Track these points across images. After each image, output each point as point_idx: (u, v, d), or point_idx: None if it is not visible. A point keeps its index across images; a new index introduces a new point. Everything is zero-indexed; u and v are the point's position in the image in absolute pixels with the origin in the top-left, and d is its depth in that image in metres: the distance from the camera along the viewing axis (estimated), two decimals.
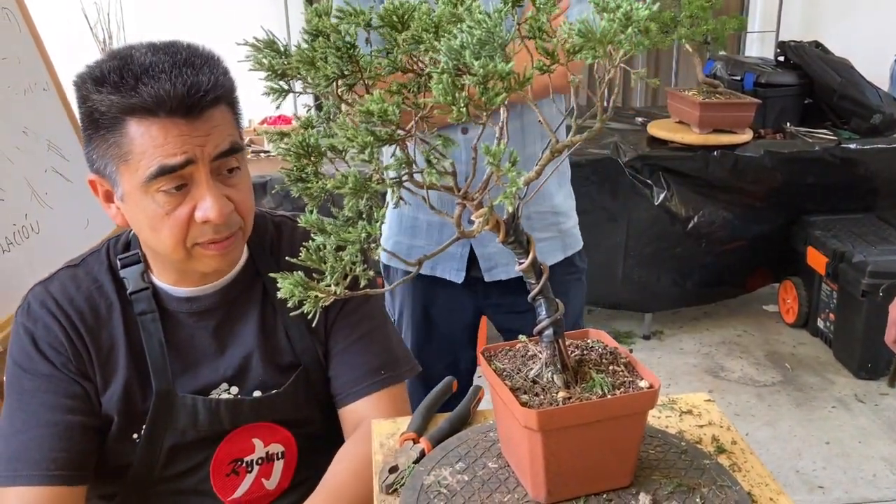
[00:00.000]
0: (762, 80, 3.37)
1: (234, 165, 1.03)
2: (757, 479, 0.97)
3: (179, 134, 0.95)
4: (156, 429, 1.09)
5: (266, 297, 1.16)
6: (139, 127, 0.95)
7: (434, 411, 1.11)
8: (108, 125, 0.97)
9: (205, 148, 0.97)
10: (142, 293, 1.10)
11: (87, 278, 1.11)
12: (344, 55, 0.68)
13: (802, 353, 3.33)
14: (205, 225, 1.00)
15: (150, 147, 0.95)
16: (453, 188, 0.71)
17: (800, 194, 3.30)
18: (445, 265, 1.61)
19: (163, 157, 0.95)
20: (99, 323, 1.09)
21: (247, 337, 1.14)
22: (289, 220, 1.23)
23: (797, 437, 2.77)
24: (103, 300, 1.10)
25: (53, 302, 1.08)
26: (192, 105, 0.95)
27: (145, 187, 0.98)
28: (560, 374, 0.87)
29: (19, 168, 1.95)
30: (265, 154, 3.10)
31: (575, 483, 0.89)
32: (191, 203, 0.99)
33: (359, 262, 0.68)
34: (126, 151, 0.97)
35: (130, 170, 0.98)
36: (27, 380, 1.06)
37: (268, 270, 1.15)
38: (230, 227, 1.03)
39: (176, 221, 1.00)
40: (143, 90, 0.94)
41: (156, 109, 0.94)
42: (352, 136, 0.60)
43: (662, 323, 3.58)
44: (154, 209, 0.99)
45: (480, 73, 0.59)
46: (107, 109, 0.96)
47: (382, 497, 0.96)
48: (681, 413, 1.12)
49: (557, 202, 1.64)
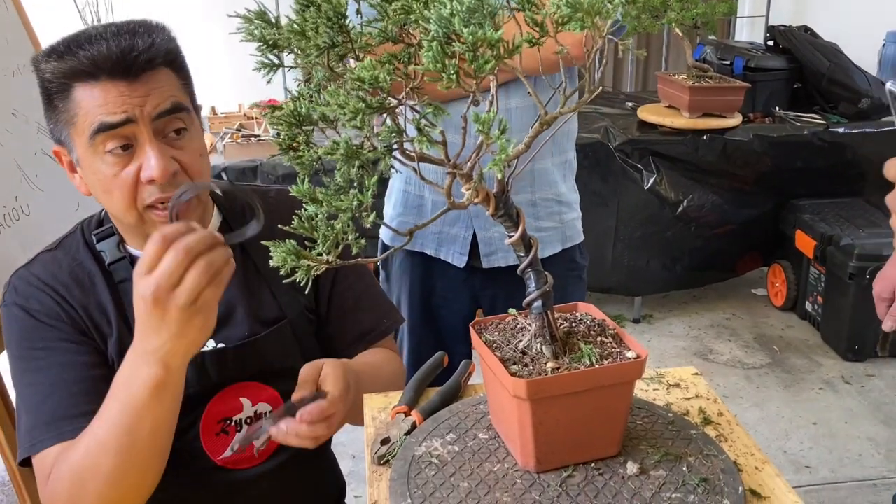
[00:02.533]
0: (751, 64, 3.38)
1: (181, 126, 1.06)
2: (742, 449, 0.99)
3: (119, 94, 1.00)
4: None
5: (246, 255, 1.19)
6: (83, 91, 1.01)
7: (426, 385, 1.12)
8: (57, 92, 1.02)
9: (144, 108, 1.01)
10: (119, 263, 1.13)
11: (66, 258, 1.14)
12: (335, 25, 0.69)
13: (790, 336, 3.36)
14: (151, 185, 1.03)
15: (93, 107, 1.01)
16: (444, 159, 0.72)
17: (788, 178, 3.32)
18: (449, 247, 1.61)
19: (103, 115, 1.00)
20: (85, 293, 1.11)
21: (228, 294, 1.14)
22: (257, 189, 1.29)
23: (784, 419, 2.81)
24: (85, 274, 1.12)
25: (38, 280, 1.11)
26: (128, 66, 1.00)
27: (92, 148, 1.02)
28: (549, 346, 0.88)
29: (9, 150, 1.95)
30: (255, 138, 3.10)
31: (563, 452, 0.90)
32: (137, 163, 1.03)
33: (351, 230, 0.68)
34: (73, 115, 1.02)
35: (78, 132, 1.03)
36: (38, 351, 1.08)
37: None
38: (176, 187, 1.04)
39: (124, 182, 1.03)
40: (81, 54, 1.00)
41: (95, 72, 1.00)
42: (343, 104, 0.61)
43: (652, 307, 3.60)
44: (104, 171, 1.03)
45: (470, 40, 0.60)
46: (52, 76, 1.02)
47: (374, 468, 0.97)
48: (668, 386, 1.13)
49: (561, 191, 1.64)
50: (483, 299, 1.70)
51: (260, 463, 1.19)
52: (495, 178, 0.79)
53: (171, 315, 0.87)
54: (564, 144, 1.65)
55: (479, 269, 1.62)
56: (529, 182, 1.58)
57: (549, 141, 1.54)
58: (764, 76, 3.38)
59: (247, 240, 1.16)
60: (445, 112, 0.66)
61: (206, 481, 1.17)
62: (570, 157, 1.67)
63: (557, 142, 1.62)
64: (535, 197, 1.59)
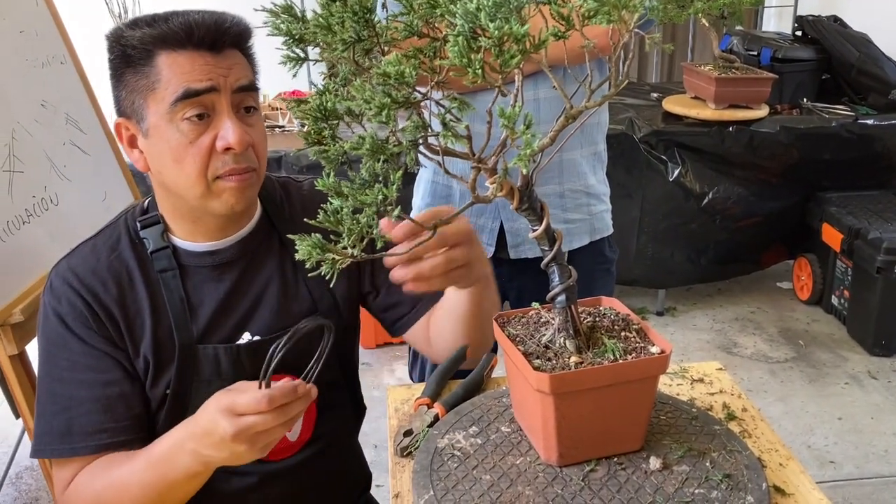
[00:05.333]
0: (779, 55, 3.33)
1: (252, 104, 1.10)
2: (767, 445, 0.98)
3: (205, 63, 1.04)
4: (182, 382, 1.12)
5: (284, 248, 1.20)
6: (168, 58, 1.03)
7: (448, 378, 1.13)
8: (139, 58, 1.04)
9: (227, 79, 1.05)
10: (162, 252, 1.13)
11: (105, 248, 1.14)
12: (360, 19, 0.69)
13: (816, 330, 3.32)
14: (226, 154, 1.05)
15: (178, 74, 1.03)
16: (468, 153, 0.72)
17: (815, 170, 3.28)
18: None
19: (189, 82, 1.02)
20: (122, 291, 1.11)
21: (267, 287, 1.18)
22: (292, 180, 1.29)
23: (809, 413, 2.78)
24: (123, 268, 1.13)
25: (75, 276, 1.11)
26: (216, 38, 1.04)
27: (171, 114, 1.04)
28: (572, 340, 0.88)
29: (38, 141, 1.97)
30: (280, 129, 3.11)
31: (586, 446, 0.90)
32: (213, 133, 1.05)
33: (375, 224, 0.69)
34: (154, 80, 1.04)
35: (157, 98, 1.04)
36: (62, 361, 1.10)
37: (281, 224, 1.19)
38: (247, 161, 1.07)
39: (198, 150, 1.04)
40: (173, 21, 1.03)
41: (184, 41, 1.03)
42: (368, 99, 0.61)
43: (676, 299, 3.58)
44: (178, 138, 1.04)
45: (496, 34, 0.60)
46: (139, 42, 1.04)
47: (397, 459, 0.98)
48: (692, 381, 1.13)
49: (591, 183, 1.62)
50: (510, 290, 1.69)
51: (291, 455, 1.20)
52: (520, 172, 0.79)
53: (239, 449, 0.93)
54: (595, 136, 1.64)
55: (506, 260, 1.62)
56: (557, 173, 1.58)
57: (577, 132, 1.53)
58: (791, 67, 3.33)
59: (285, 235, 1.18)
60: (471, 107, 0.66)
61: (240, 471, 1.18)
62: (600, 149, 1.66)
63: (587, 133, 1.61)
64: (562, 188, 1.59)
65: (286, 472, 1.21)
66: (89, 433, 1.08)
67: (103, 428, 1.08)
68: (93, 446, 1.08)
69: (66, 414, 1.08)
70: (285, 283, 1.19)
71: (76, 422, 1.08)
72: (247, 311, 1.16)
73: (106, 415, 1.08)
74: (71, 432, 1.08)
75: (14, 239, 1.80)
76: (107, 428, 1.08)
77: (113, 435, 1.08)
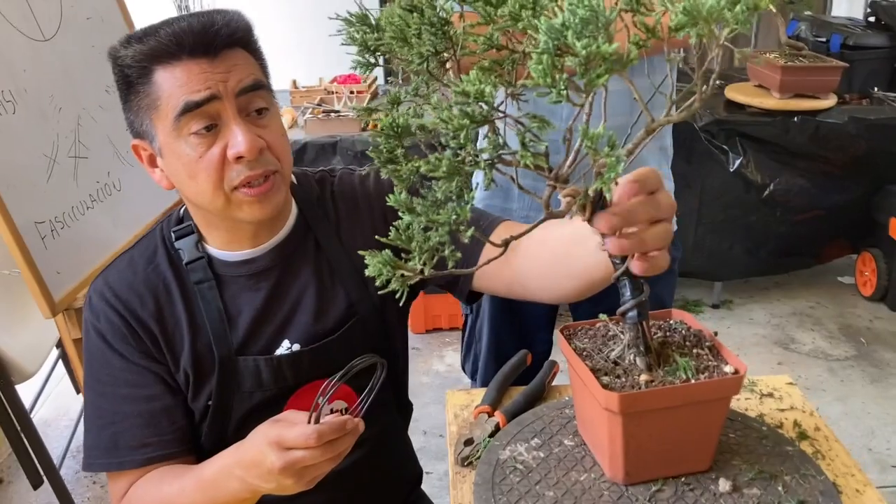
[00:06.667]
0: (850, 42, 3.21)
1: (262, 105, 1.04)
2: (842, 469, 0.94)
3: (201, 72, 0.99)
4: (223, 395, 1.12)
5: (319, 251, 1.17)
6: (164, 73, 0.99)
7: (508, 384, 1.11)
8: (137, 77, 1.01)
9: (227, 83, 1.00)
10: (197, 262, 1.11)
11: (142, 260, 1.13)
12: (437, 31, 0.67)
13: (879, 328, 3.22)
14: (238, 164, 1.01)
15: (176, 88, 0.99)
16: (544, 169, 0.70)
17: (884, 163, 3.16)
18: None
19: (187, 95, 0.98)
20: (159, 305, 1.11)
21: (304, 292, 1.15)
22: (327, 174, 1.25)
23: (870, 415, 2.70)
24: (160, 281, 1.12)
25: (112, 293, 1.10)
26: (209, 42, 0.99)
27: (176, 131, 1.00)
28: (643, 357, 0.86)
29: (102, 126, 2.00)
30: (335, 114, 3.11)
31: (653, 466, 0.88)
32: (222, 143, 1.01)
33: (447, 242, 0.67)
34: (155, 98, 1.00)
35: (161, 117, 1.01)
36: (105, 377, 1.10)
37: (318, 224, 1.16)
38: (264, 165, 1.03)
39: (210, 163, 1.01)
40: (162, 33, 0.99)
41: (177, 51, 0.98)
42: (446, 119, 0.59)
43: (732, 292, 3.50)
44: (188, 154, 1.01)
45: (583, 54, 0.57)
46: (133, 61, 1.00)
47: (457, 469, 0.97)
48: (761, 396, 1.09)
49: None
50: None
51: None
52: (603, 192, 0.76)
53: (286, 482, 0.93)
54: (662, 130, 1.59)
55: None
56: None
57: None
58: (862, 55, 3.20)
59: (321, 236, 1.16)
60: (551, 125, 0.63)
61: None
62: (666, 143, 1.62)
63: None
64: None
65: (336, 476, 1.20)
66: (134, 447, 1.08)
67: (148, 442, 1.09)
68: (139, 460, 1.08)
69: (111, 428, 1.09)
70: (322, 287, 1.16)
71: (121, 436, 1.09)
72: (285, 318, 1.14)
73: (150, 429, 1.09)
74: (117, 446, 1.09)
75: (78, 224, 1.83)
76: (151, 442, 1.09)
77: (158, 448, 1.09)
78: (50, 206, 1.75)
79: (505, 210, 1.59)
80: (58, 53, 1.90)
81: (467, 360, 1.83)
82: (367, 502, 1.26)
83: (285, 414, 0.97)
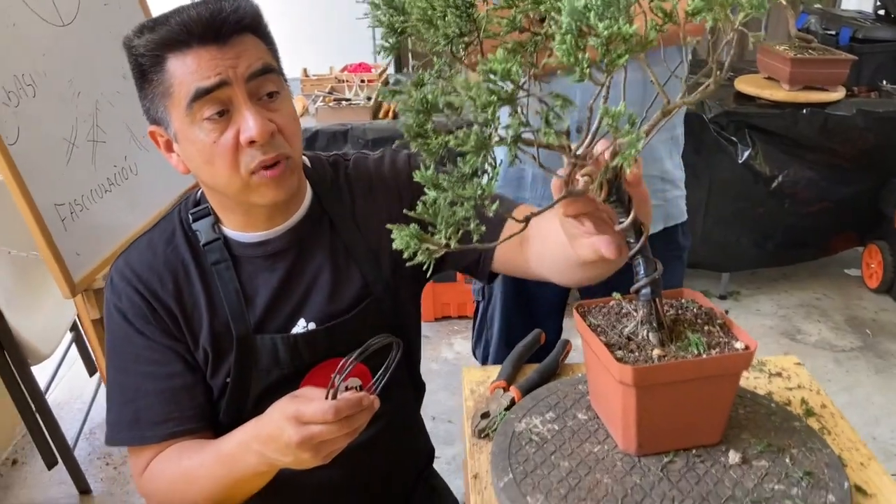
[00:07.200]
0: (859, 35, 3.22)
1: (273, 89, 1.07)
2: (847, 444, 0.97)
3: (211, 58, 1.01)
4: (241, 372, 1.15)
5: (335, 232, 1.20)
6: (176, 60, 1.01)
7: (523, 362, 1.14)
8: (150, 66, 1.03)
9: (237, 69, 1.02)
10: (214, 244, 1.14)
11: (161, 241, 1.16)
12: (462, 14, 0.70)
13: (884, 320, 3.24)
14: (252, 148, 1.04)
15: (187, 75, 1.01)
16: (566, 147, 0.72)
17: (892, 156, 3.17)
18: None
19: (198, 81, 1.01)
20: (178, 286, 1.13)
21: (319, 273, 1.18)
22: (341, 158, 1.27)
23: (875, 405, 2.72)
24: (179, 262, 1.15)
25: (132, 273, 1.14)
26: (218, 28, 1.01)
27: (189, 117, 1.02)
28: (656, 333, 0.89)
29: (119, 111, 2.03)
30: (346, 102, 3.13)
31: (665, 438, 0.91)
32: (235, 128, 1.03)
33: (473, 216, 0.70)
34: (168, 86, 1.02)
35: (175, 104, 1.03)
36: (127, 355, 1.14)
37: (333, 207, 1.19)
38: (277, 149, 1.05)
39: (224, 148, 1.03)
40: (172, 21, 1.01)
41: (187, 39, 1.01)
42: (474, 96, 0.62)
43: (739, 283, 3.52)
44: (203, 140, 1.03)
45: (604, 34, 0.60)
46: (145, 50, 1.02)
47: (475, 440, 1.00)
48: (770, 375, 1.12)
49: (667, 168, 1.60)
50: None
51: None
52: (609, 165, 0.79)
53: (303, 456, 0.95)
54: (673, 119, 1.62)
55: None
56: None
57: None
58: (872, 48, 3.21)
59: (336, 218, 1.19)
60: (573, 104, 0.66)
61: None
62: (677, 133, 1.64)
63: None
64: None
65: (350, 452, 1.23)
66: (156, 423, 1.12)
67: (169, 417, 1.12)
68: (161, 435, 1.12)
69: (133, 405, 1.12)
70: (337, 268, 1.19)
71: (143, 412, 1.12)
72: (301, 298, 1.17)
73: (171, 405, 1.12)
74: (139, 422, 1.12)
75: (96, 207, 1.86)
76: (173, 417, 1.12)
77: (179, 423, 1.12)
78: (69, 189, 1.79)
79: (518, 199, 1.62)
80: (76, 39, 1.93)
81: (478, 346, 1.86)
82: (382, 477, 1.29)
83: (303, 390, 1.00)
